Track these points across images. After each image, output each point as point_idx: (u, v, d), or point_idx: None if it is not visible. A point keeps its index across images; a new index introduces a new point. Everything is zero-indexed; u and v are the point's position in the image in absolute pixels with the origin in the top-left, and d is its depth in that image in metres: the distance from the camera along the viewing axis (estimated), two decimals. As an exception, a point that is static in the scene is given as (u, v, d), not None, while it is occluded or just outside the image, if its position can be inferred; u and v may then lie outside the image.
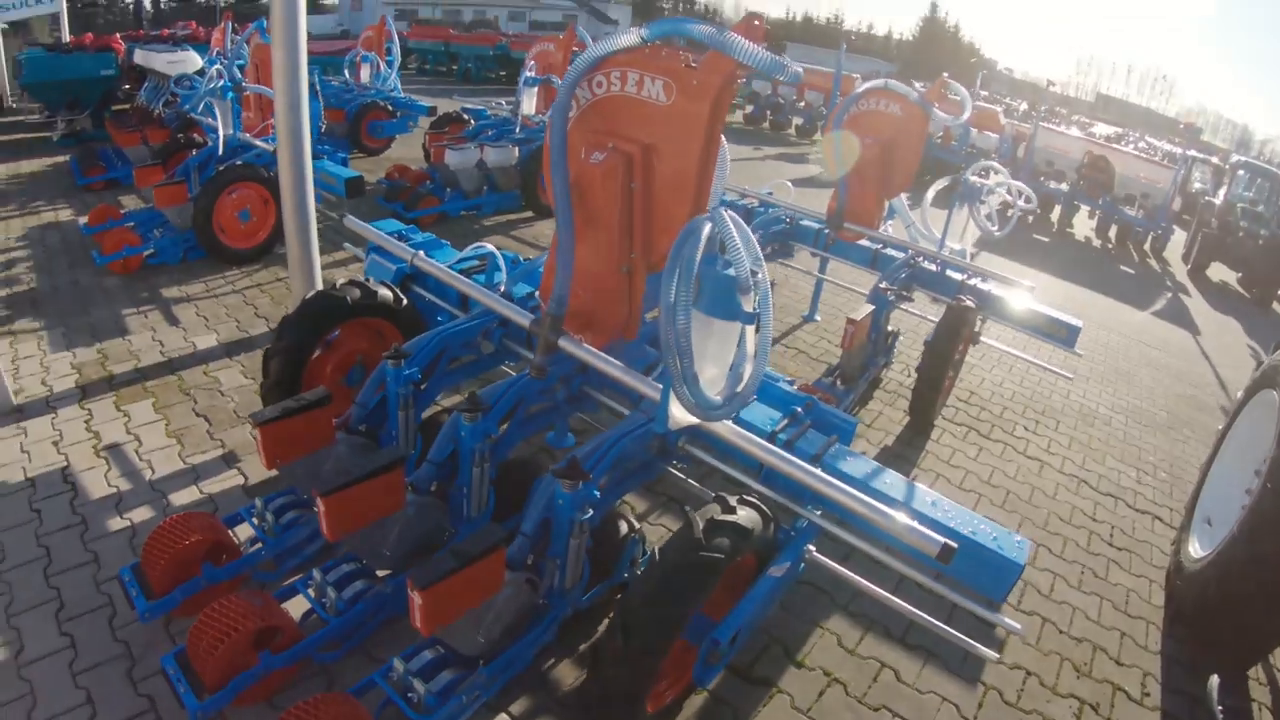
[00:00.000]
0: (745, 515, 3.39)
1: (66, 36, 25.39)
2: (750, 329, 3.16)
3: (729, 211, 3.09)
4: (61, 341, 7.11)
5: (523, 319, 4.27)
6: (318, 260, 7.02)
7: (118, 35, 20.76)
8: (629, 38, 3.36)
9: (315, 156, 8.50)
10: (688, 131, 3.56)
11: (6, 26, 25.66)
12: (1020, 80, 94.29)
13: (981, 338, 7.09)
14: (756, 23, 3.29)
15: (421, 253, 5.13)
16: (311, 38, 20.41)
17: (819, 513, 3.79)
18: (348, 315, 5.05)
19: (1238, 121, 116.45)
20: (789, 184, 8.86)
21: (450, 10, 63.98)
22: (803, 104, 26.36)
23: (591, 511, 3.56)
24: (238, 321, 7.56)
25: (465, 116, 13.15)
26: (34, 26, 29.59)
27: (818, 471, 3.36)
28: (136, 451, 5.59)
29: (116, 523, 4.87)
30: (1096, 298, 14.10)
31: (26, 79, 16.88)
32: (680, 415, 3.43)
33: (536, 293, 4.86)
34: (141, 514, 4.95)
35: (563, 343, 3.94)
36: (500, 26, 53.80)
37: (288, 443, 4.06)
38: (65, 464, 5.41)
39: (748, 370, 3.19)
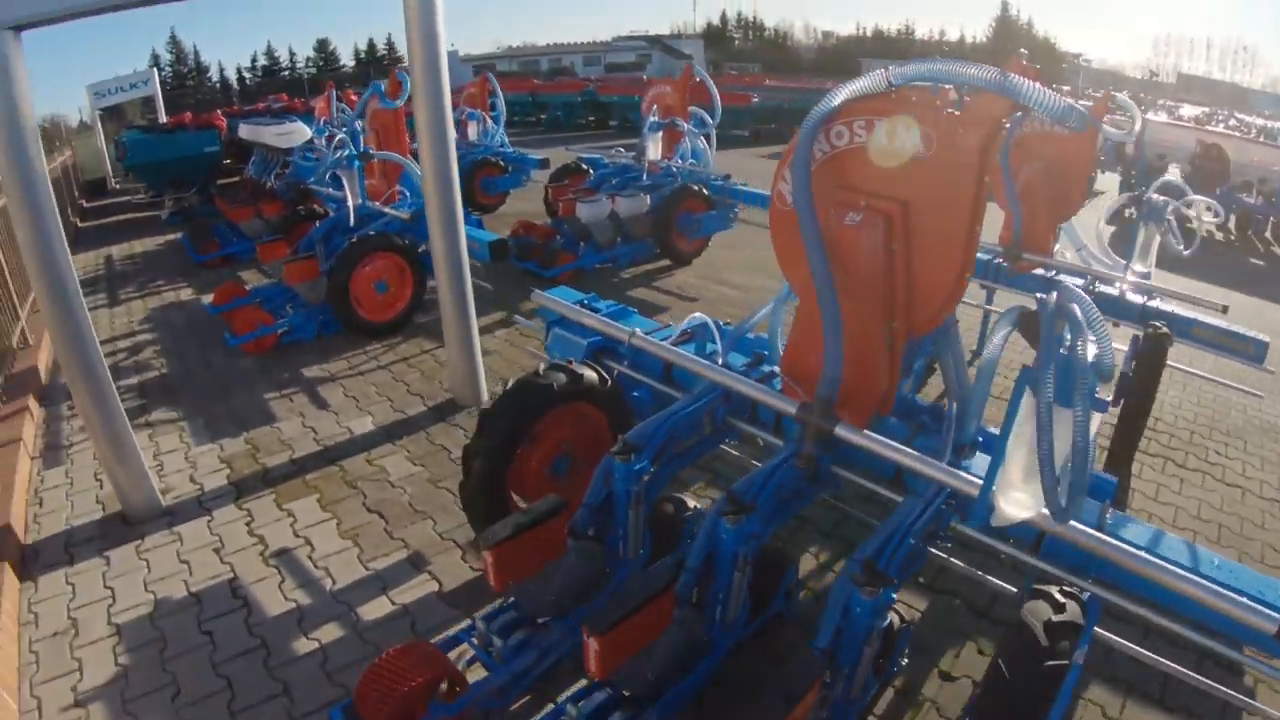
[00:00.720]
0: (1072, 609, 3.00)
1: (163, 117, 25.54)
2: (1096, 415, 2.79)
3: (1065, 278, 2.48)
4: (205, 432, 6.62)
5: (778, 402, 3.68)
6: (476, 332, 6.46)
7: (218, 112, 20.70)
8: (872, 82, 3.08)
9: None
10: (953, 185, 3.08)
11: (102, 111, 25.88)
12: (1099, 70, 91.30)
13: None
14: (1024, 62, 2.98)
15: (638, 330, 4.44)
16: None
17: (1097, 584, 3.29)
18: (554, 403, 4.42)
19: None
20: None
21: (526, 62, 64.47)
22: None
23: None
24: (391, 401, 6.98)
25: (583, 166, 12.54)
26: (127, 109, 30.00)
27: (1114, 541, 2.95)
28: (310, 557, 4.98)
29: (302, 644, 4.24)
30: (1232, 295, 12.98)
31: (131, 161, 16.74)
32: (1011, 512, 2.93)
33: (776, 369, 4.14)
34: (329, 632, 4.33)
35: (842, 430, 3.37)
36: (576, 72, 53.87)
37: (519, 560, 3.58)
38: (231, 575, 4.83)
39: (1080, 460, 2.75)
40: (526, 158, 14.22)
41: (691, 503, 4.17)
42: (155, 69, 27.54)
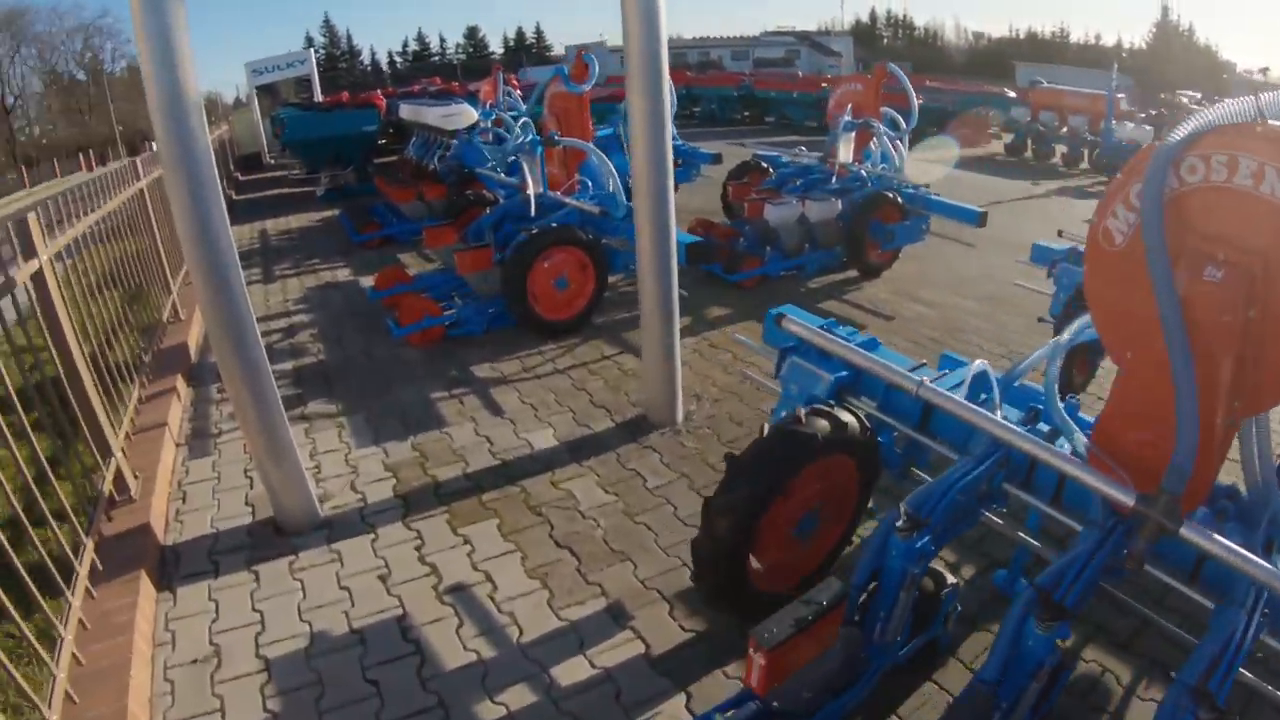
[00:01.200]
0: None
1: (319, 96, 25.50)
2: None
3: None
4: (367, 431, 5.97)
5: (1110, 490, 2.84)
6: (678, 344, 5.66)
7: (377, 92, 20.41)
8: (1238, 108, 2.47)
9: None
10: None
11: (257, 89, 26.03)
12: (1262, 82, 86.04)
13: None
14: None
15: (926, 380, 3.51)
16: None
17: None
18: (815, 456, 3.61)
19: None
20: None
21: (675, 54, 64.04)
22: (1065, 130, 23.45)
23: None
24: (573, 412, 6.21)
25: (763, 165, 11.63)
26: (281, 88, 30.28)
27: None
28: (492, 598, 4.21)
29: (488, 709, 3.47)
30: None
31: (289, 137, 16.46)
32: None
33: (1088, 442, 3.21)
34: (519, 696, 3.55)
35: (1190, 533, 2.63)
36: (724, 66, 53.14)
37: (791, 659, 2.97)
38: (400, 611, 4.10)
39: None
40: (698, 152, 13.37)
41: (950, 578, 3.51)
42: (311, 50, 27.54)
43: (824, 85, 28.09)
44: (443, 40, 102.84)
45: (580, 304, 7.71)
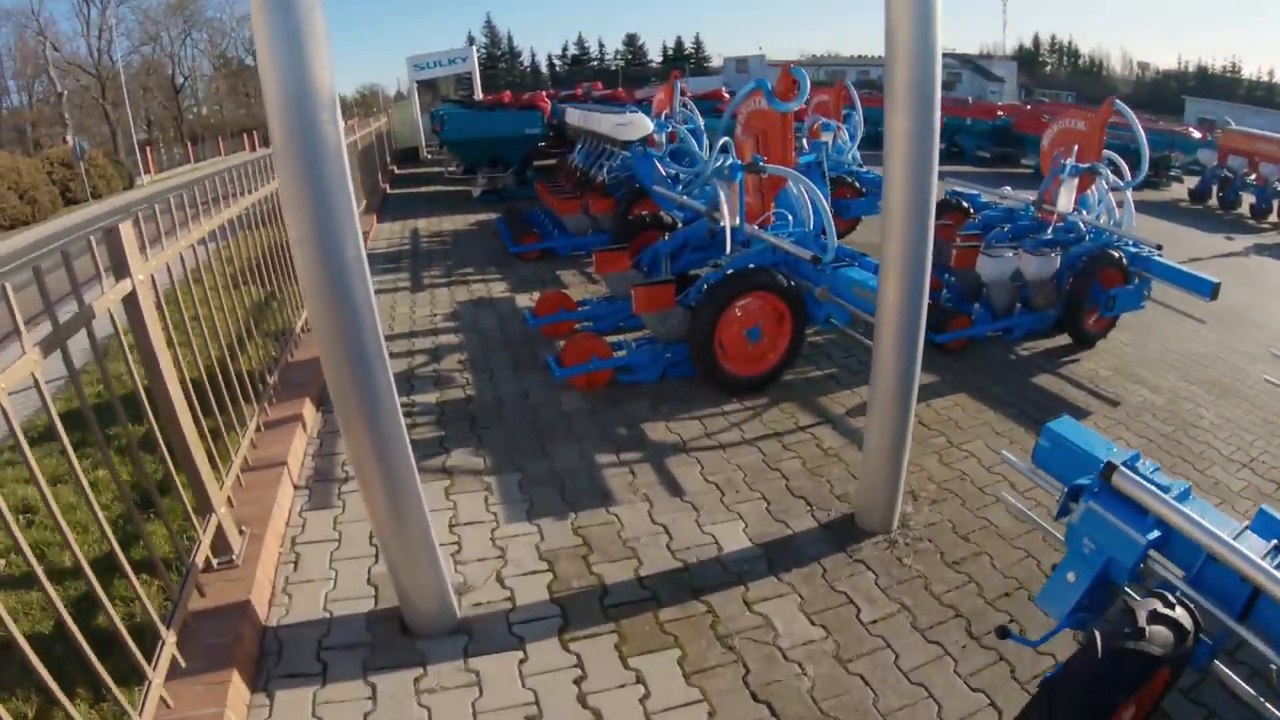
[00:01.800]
0: None
1: (479, 94, 24.94)
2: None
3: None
4: (519, 500, 4.97)
5: None
6: (910, 434, 4.54)
7: (542, 93, 19.64)
8: None
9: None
10: None
11: (419, 83, 25.64)
12: None
13: None
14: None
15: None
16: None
17: None
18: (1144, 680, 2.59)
19: None
20: None
21: (832, 72, 63.01)
22: (1254, 177, 21.10)
23: None
24: (766, 500, 5.08)
25: (963, 204, 10.35)
26: (441, 84, 29.91)
27: None
28: (673, 777, 3.05)
29: None
30: None
31: (448, 135, 15.74)
32: None
33: None
34: None
35: None
36: (882, 86, 51.58)
37: None
38: (555, 771, 2.99)
39: None
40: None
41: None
42: (473, 47, 27.04)
43: (1000, 113, 26.43)
44: (602, 45, 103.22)
45: (772, 359, 6.56)
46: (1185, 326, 9.32)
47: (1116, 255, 8.21)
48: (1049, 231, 8.62)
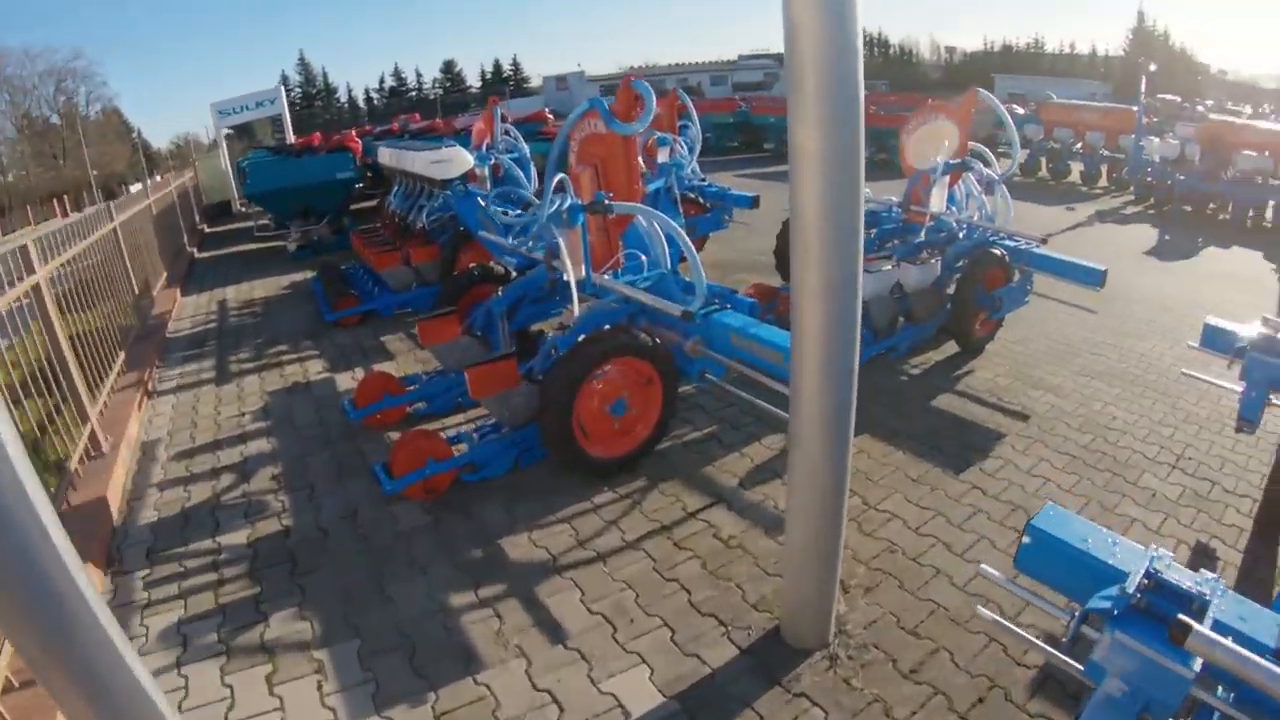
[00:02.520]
0: None
1: (290, 137, 23.44)
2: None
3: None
4: (361, 683, 3.78)
5: None
6: (844, 520, 3.71)
7: (351, 132, 18.27)
8: None
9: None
10: None
11: (230, 131, 23.93)
12: (1234, 82, 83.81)
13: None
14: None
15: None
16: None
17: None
18: None
19: None
20: None
21: (652, 82, 62.18)
22: (1080, 146, 21.74)
23: None
24: (668, 626, 4.06)
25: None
26: (257, 128, 28.14)
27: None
28: None
29: None
30: None
31: (252, 188, 14.38)
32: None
33: None
34: None
35: None
36: (705, 92, 51.58)
37: None
38: None
39: None
40: (729, 193, 11.30)
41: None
42: (283, 87, 25.30)
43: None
44: (419, 75, 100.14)
45: (643, 432, 5.52)
46: (1061, 313, 8.78)
47: (997, 253, 7.57)
48: (921, 234, 7.86)
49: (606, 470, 5.37)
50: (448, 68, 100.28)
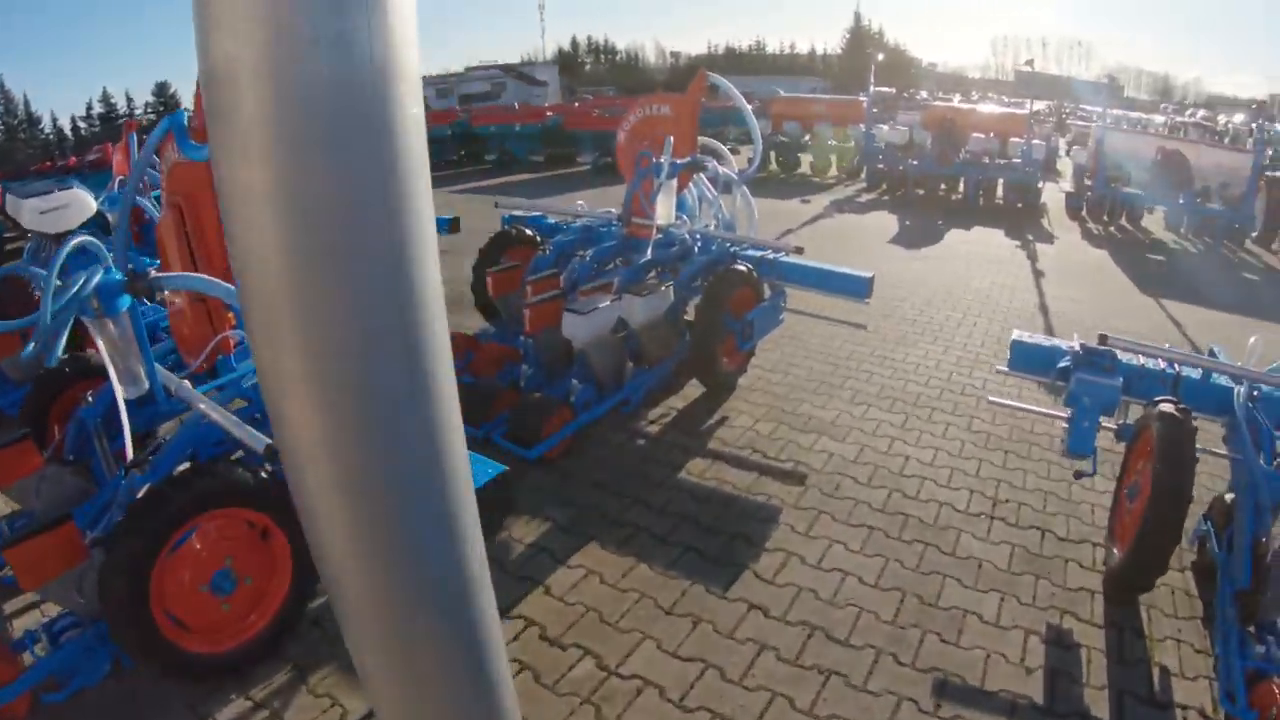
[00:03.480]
0: None
1: None
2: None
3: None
4: None
5: None
6: None
7: None
8: None
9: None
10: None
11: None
12: (944, 74, 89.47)
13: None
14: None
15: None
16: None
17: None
18: None
19: (1157, 72, 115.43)
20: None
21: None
22: (808, 138, 21.95)
23: None
24: None
25: (528, 233, 7.71)
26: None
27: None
28: None
29: None
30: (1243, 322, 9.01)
31: None
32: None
33: None
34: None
35: None
36: (429, 105, 49.25)
37: None
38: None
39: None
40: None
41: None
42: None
43: (549, 114, 24.66)
44: (130, 99, 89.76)
45: (265, 616, 3.60)
46: (821, 326, 7.49)
47: (743, 268, 6.20)
48: (648, 252, 6.35)
49: (217, 671, 3.47)
50: (160, 90, 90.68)
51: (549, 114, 24.97)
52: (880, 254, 11.30)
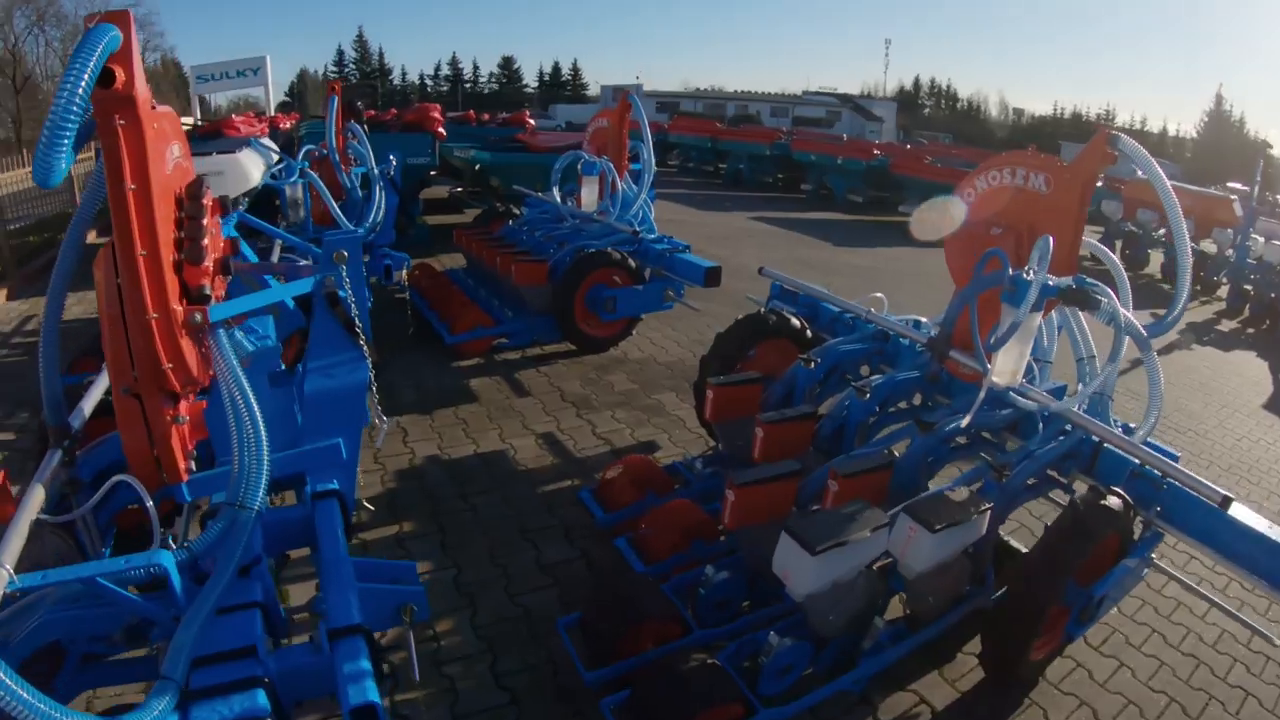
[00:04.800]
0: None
1: (271, 110, 20.00)
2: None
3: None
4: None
5: None
6: None
7: (436, 107, 14.85)
8: None
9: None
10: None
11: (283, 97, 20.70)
12: None
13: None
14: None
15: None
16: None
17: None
18: None
19: None
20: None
21: (712, 105, 58.32)
22: (1163, 232, 16.84)
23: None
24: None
25: (796, 325, 5.83)
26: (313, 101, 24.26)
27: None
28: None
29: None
30: None
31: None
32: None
33: None
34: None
35: None
36: (762, 121, 47.94)
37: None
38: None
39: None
40: (681, 257, 7.64)
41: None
42: (268, 58, 21.06)
43: (877, 153, 21.96)
44: (476, 68, 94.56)
45: None
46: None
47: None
48: (966, 415, 3.98)
49: None
50: (506, 64, 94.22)
51: (876, 152, 22.18)
52: (1249, 424, 8.04)
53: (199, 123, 16.70)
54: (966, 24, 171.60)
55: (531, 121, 16.29)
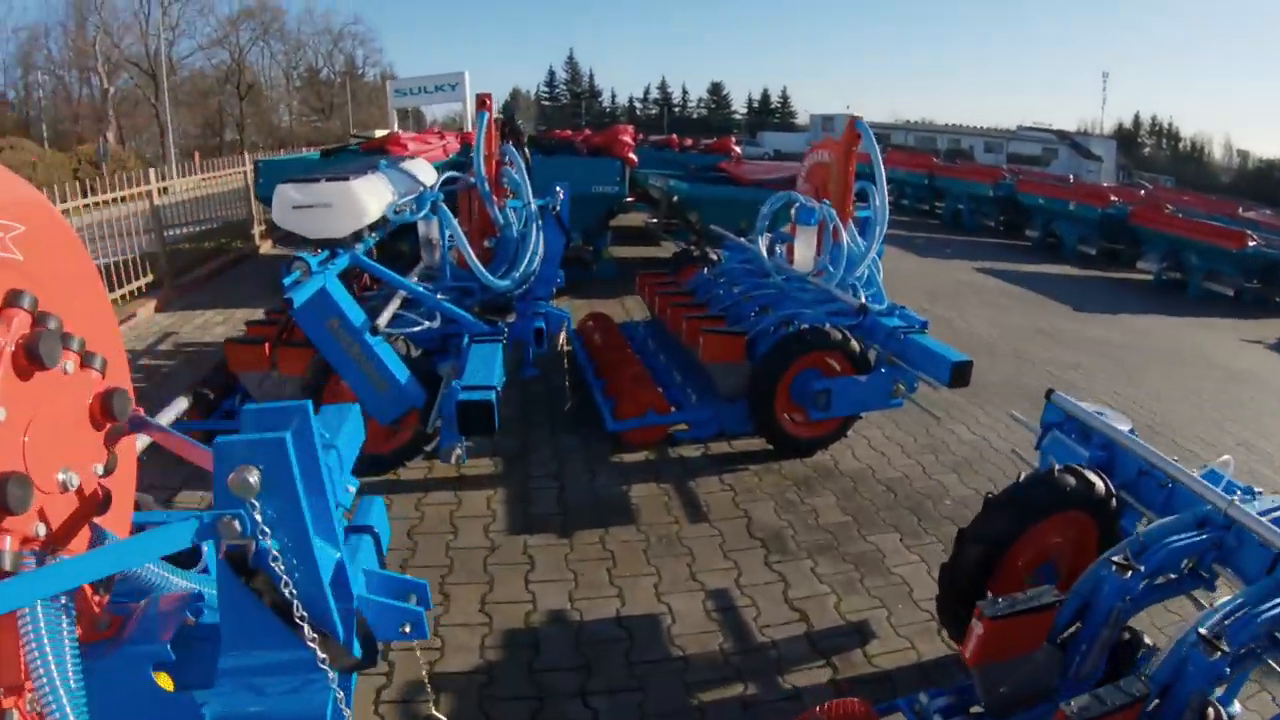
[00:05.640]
0: None
1: (468, 126, 19.39)
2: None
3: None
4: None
5: None
6: None
7: (628, 130, 13.93)
8: None
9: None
10: None
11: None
12: None
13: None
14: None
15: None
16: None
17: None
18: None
19: None
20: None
21: (923, 138, 55.57)
22: None
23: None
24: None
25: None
26: (515, 117, 23.96)
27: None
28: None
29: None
30: None
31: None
32: None
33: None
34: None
35: None
36: (974, 157, 45.33)
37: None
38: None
39: None
40: (924, 344, 5.77)
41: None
42: (466, 73, 20.70)
43: (1114, 200, 18.40)
44: (685, 92, 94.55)
45: None
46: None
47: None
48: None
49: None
50: (715, 89, 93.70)
51: (1114, 199, 18.63)
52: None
53: (357, 137, 15.96)
54: (1187, 57, 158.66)
55: (737, 149, 14.93)
